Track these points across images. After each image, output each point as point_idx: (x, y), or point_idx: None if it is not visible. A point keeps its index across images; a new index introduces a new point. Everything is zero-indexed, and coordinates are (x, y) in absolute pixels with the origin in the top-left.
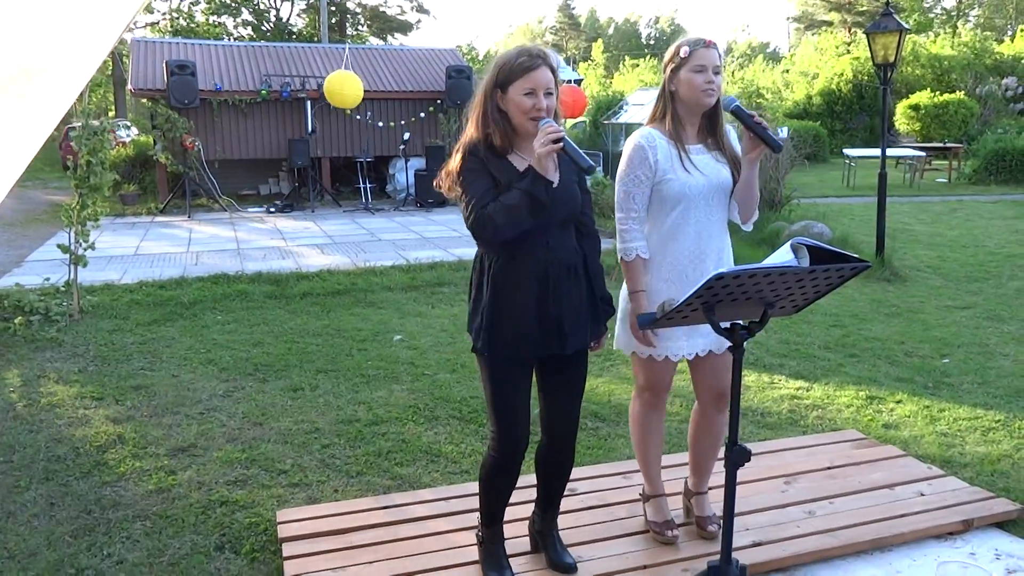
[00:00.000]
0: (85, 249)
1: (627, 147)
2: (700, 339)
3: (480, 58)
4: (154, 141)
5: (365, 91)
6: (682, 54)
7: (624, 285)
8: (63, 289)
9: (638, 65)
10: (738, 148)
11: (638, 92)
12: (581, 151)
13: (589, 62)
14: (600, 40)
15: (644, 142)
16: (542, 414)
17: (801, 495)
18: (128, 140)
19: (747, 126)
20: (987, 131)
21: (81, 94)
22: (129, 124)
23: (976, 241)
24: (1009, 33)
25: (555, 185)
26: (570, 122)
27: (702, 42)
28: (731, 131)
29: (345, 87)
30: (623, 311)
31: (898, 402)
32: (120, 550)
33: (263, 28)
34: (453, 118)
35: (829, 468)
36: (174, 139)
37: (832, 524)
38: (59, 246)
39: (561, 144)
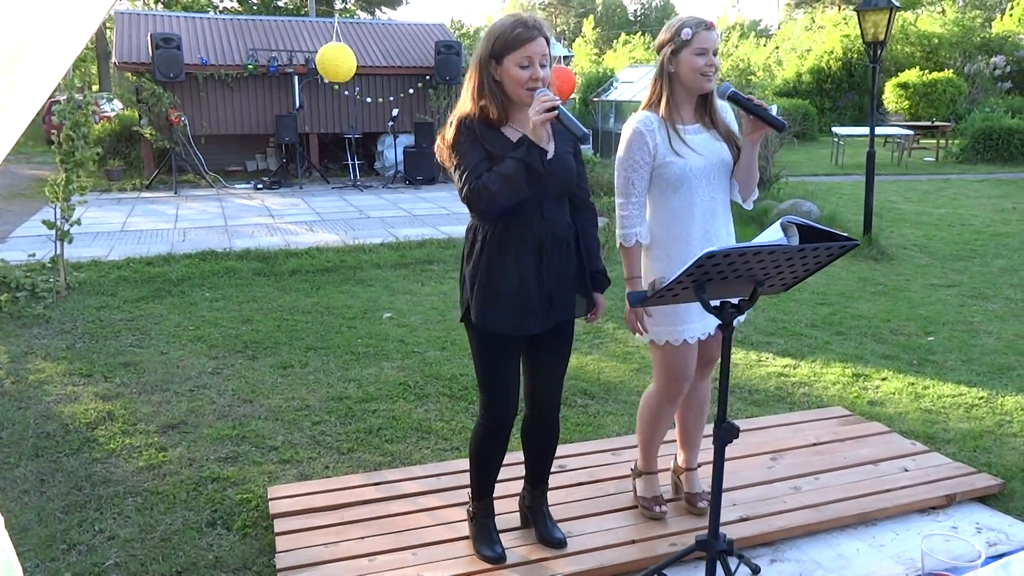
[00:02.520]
0: (71, 225)
1: (625, 132)
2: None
3: (471, 33)
4: (139, 116)
5: None
6: (684, 36)
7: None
8: (49, 265)
9: (630, 42)
10: (735, 127)
11: (628, 69)
12: (575, 119)
13: (581, 38)
14: (591, 16)
15: (642, 127)
16: (526, 385)
17: (788, 471)
18: (113, 114)
19: (747, 110)
20: (975, 110)
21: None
22: (113, 98)
23: (962, 220)
24: (1001, 8)
25: (550, 155)
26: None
27: (704, 24)
28: (726, 109)
29: (339, 60)
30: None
31: (883, 379)
32: (112, 526)
33: (249, 1)
34: (442, 94)
35: (815, 444)
36: (159, 114)
37: (818, 499)
38: (44, 222)
39: (556, 112)
